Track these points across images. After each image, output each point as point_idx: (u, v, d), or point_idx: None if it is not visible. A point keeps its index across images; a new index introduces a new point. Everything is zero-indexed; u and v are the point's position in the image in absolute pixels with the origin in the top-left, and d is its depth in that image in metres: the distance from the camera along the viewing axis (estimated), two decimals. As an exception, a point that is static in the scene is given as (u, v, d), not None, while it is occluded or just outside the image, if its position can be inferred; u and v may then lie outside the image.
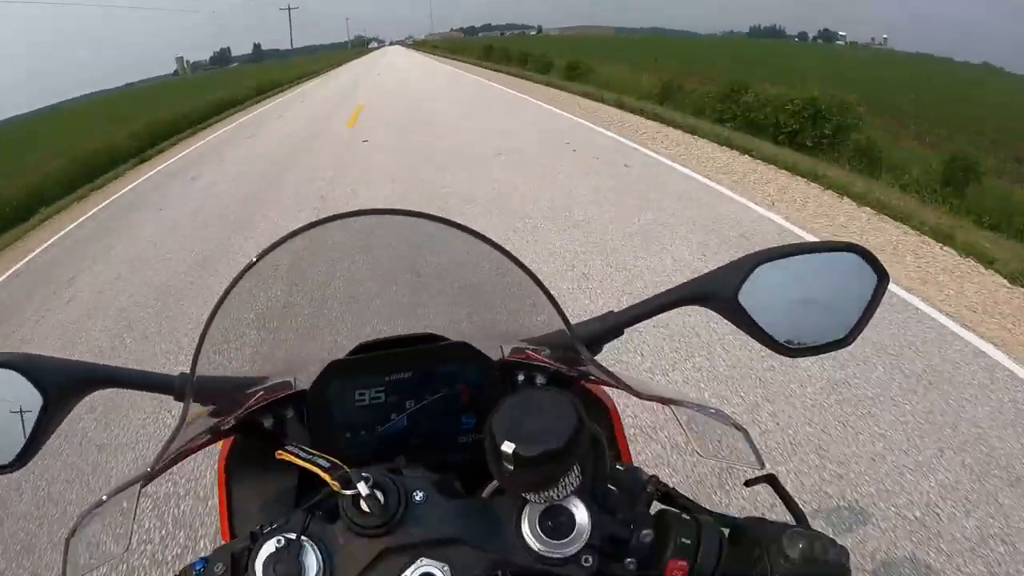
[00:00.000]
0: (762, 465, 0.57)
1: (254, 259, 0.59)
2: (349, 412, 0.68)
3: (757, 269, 0.60)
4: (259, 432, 0.66)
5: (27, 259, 5.93)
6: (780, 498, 0.59)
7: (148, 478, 0.52)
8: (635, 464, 0.59)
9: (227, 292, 0.58)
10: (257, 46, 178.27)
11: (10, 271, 5.64)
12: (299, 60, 67.32)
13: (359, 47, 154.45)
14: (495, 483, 0.53)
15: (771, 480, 0.60)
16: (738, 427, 0.57)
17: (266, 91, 23.63)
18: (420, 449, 0.67)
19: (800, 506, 0.56)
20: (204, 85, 32.84)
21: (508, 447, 0.46)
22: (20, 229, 7.37)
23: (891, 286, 1.17)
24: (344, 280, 0.74)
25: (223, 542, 0.57)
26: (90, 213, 7.36)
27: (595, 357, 0.64)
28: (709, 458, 0.59)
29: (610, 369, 0.60)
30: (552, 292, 0.61)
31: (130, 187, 8.53)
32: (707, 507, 0.55)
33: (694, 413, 0.59)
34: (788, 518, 0.55)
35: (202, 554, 0.54)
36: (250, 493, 0.67)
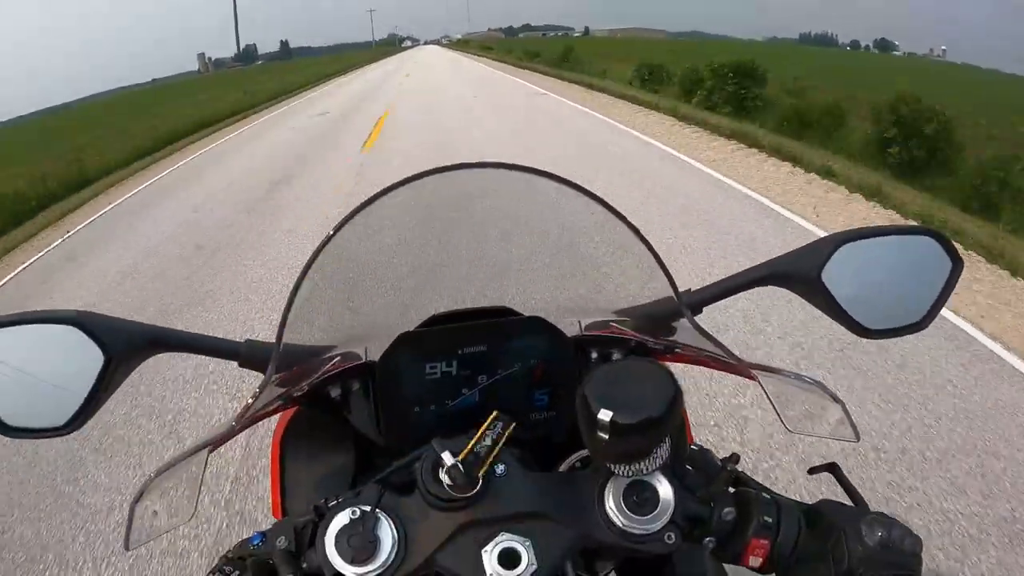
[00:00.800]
0: (858, 438, 0.55)
1: (331, 232, 0.60)
2: (418, 385, 0.67)
3: (840, 249, 0.63)
4: (324, 403, 0.66)
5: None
6: (842, 487, 0.59)
7: (218, 442, 0.55)
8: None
9: (309, 263, 0.60)
10: (284, 43, 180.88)
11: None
12: (327, 59, 67.86)
13: (390, 45, 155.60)
14: (573, 458, 0.60)
15: (833, 469, 0.61)
16: (836, 399, 0.55)
17: (279, 96, 22.92)
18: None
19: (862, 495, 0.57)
20: (216, 85, 32.70)
21: (605, 415, 0.45)
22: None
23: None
24: (418, 248, 0.75)
25: (274, 518, 0.64)
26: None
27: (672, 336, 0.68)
28: (799, 432, 0.57)
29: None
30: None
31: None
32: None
33: (784, 386, 0.57)
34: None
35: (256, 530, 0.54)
36: (304, 469, 0.69)
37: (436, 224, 0.73)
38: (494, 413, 0.55)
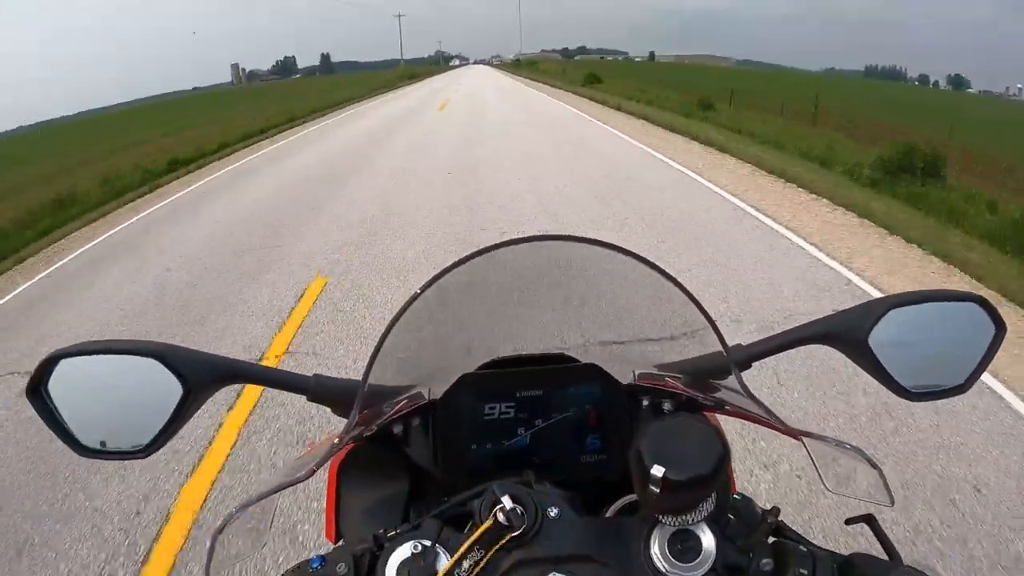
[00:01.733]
0: (892, 503, 0.61)
1: (418, 291, 0.69)
2: (477, 425, 0.75)
3: (888, 314, 0.68)
4: (386, 438, 0.73)
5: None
6: (877, 538, 0.63)
7: (297, 482, 0.60)
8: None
9: (398, 316, 0.68)
10: (325, 57, 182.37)
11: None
12: (367, 75, 67.98)
13: (435, 64, 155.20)
14: (621, 502, 0.66)
15: (870, 520, 0.65)
16: (873, 464, 0.60)
17: (297, 119, 20.58)
18: (543, 466, 0.72)
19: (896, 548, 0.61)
20: (230, 103, 30.47)
21: (658, 471, 0.50)
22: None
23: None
24: (483, 296, 0.81)
25: (328, 541, 0.73)
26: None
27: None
28: (838, 493, 0.63)
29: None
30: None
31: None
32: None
33: (825, 448, 0.63)
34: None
35: (315, 553, 0.58)
36: (359, 495, 0.75)
37: (502, 279, 0.79)
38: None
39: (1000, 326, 0.70)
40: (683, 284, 0.69)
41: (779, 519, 0.61)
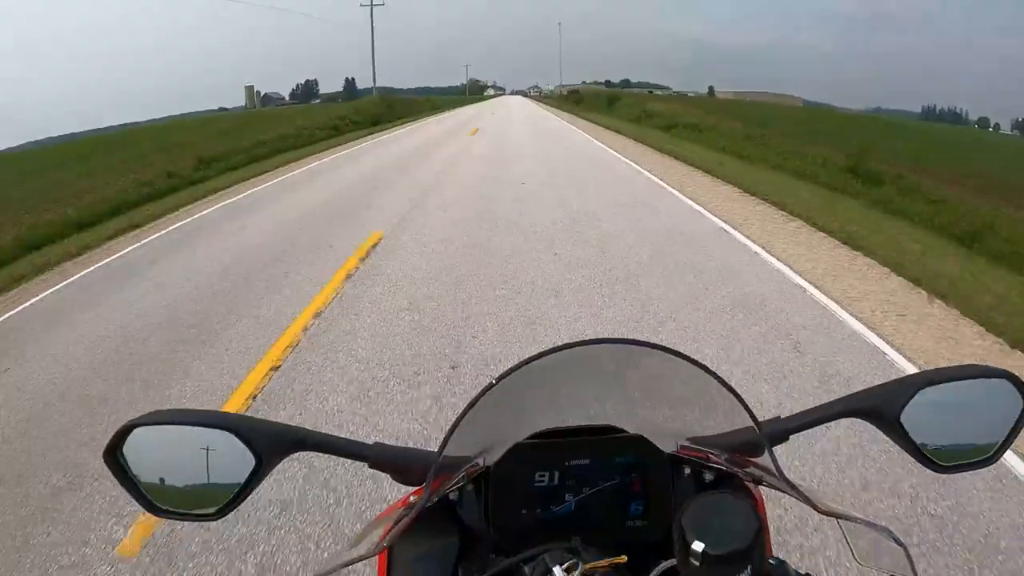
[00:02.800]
0: None
1: (494, 381, 0.75)
2: (527, 491, 0.84)
3: (919, 393, 0.77)
4: (442, 501, 0.82)
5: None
6: None
7: (371, 556, 0.70)
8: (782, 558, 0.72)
9: (475, 401, 0.74)
10: (350, 82, 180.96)
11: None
12: (393, 100, 61.74)
13: (473, 94, 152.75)
14: (661, 567, 0.71)
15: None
16: (899, 543, 0.67)
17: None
18: (589, 530, 0.80)
19: None
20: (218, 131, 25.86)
21: (698, 545, 0.59)
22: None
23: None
24: (538, 377, 0.86)
25: None
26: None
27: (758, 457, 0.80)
28: (868, 567, 0.71)
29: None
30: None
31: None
32: None
33: (858, 527, 0.70)
34: None
35: None
36: (411, 551, 0.82)
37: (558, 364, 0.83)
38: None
39: None
40: (719, 375, 0.75)
41: None
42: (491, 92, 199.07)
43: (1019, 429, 0.79)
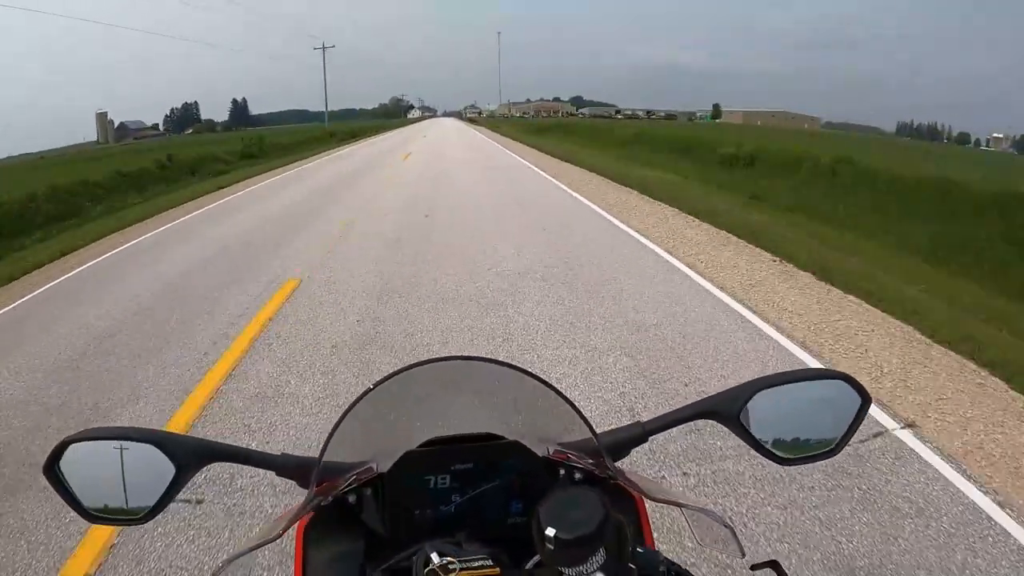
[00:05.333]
0: (743, 555, 0.89)
1: (371, 386, 1.02)
2: (419, 493, 1.05)
3: (756, 395, 0.99)
4: (343, 505, 1.04)
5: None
6: None
7: (267, 543, 0.91)
8: (656, 548, 0.96)
9: (351, 407, 1.00)
10: (240, 104, 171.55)
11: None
12: (280, 131, 58.10)
13: (389, 118, 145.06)
14: (536, 558, 0.90)
15: (775, 565, 0.92)
16: (725, 524, 0.90)
17: None
18: (476, 527, 1.02)
19: None
20: None
21: (550, 531, 0.76)
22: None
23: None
24: (420, 389, 1.15)
25: None
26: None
27: (624, 458, 1.08)
28: (706, 547, 0.98)
29: (632, 471, 1.05)
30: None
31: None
32: None
33: (698, 514, 0.93)
34: None
35: None
36: (323, 555, 1.03)
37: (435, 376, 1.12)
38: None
39: (866, 398, 1.00)
40: (569, 398, 1.05)
41: (680, 567, 0.89)
42: (416, 114, 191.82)
43: (858, 424, 1.01)
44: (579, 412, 1.04)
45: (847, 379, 1.00)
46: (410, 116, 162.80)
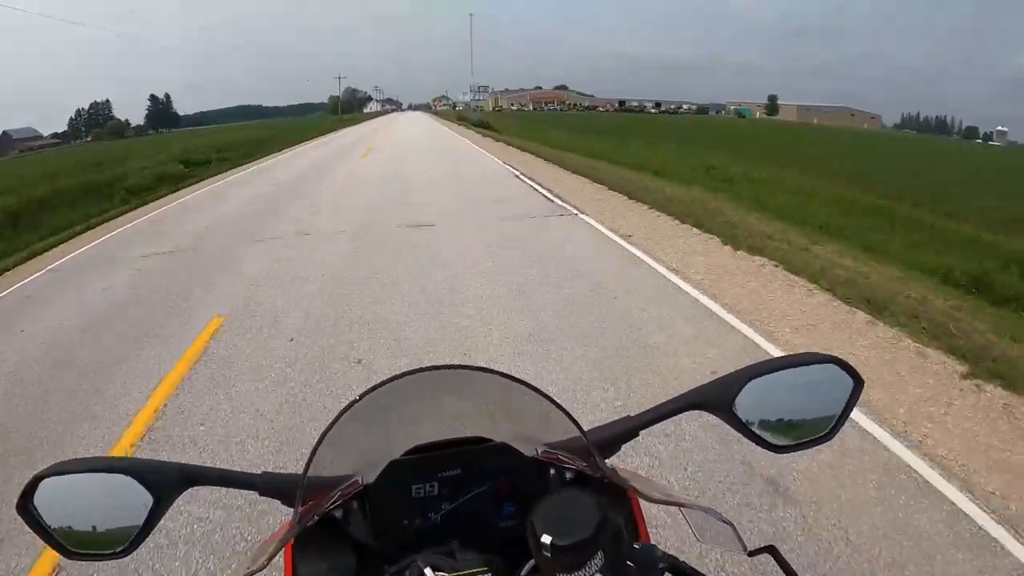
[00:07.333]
0: (745, 550, 0.98)
1: (358, 397, 1.07)
2: (406, 503, 1.13)
3: (749, 383, 1.05)
4: (330, 520, 1.11)
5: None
6: (780, 567, 0.98)
7: (257, 571, 0.94)
8: (653, 543, 0.99)
9: (334, 421, 1.05)
10: (161, 102, 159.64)
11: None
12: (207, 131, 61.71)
13: (347, 112, 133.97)
14: (531, 563, 0.93)
15: (772, 551, 1.00)
16: (725, 521, 0.97)
17: None
18: (467, 533, 1.09)
19: None
20: None
21: (547, 539, 0.81)
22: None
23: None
24: (402, 399, 1.17)
25: None
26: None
27: (615, 455, 1.15)
28: (707, 543, 1.07)
29: (626, 469, 1.13)
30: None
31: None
32: None
33: (695, 512, 1.02)
34: None
35: None
36: (313, 572, 1.09)
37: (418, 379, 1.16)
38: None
39: (858, 381, 1.07)
40: (554, 399, 1.11)
41: (678, 560, 0.95)
42: (373, 107, 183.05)
43: (851, 407, 1.07)
44: (566, 412, 1.08)
45: (839, 362, 1.06)
46: (366, 111, 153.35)
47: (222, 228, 13.81)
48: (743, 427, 1.05)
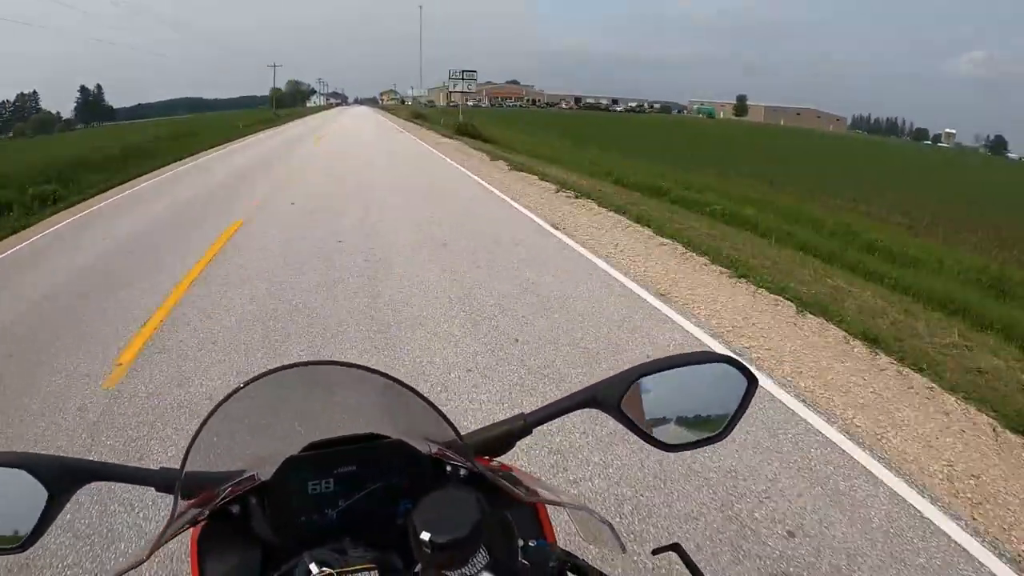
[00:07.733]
0: (623, 550, 1.04)
1: (241, 384, 1.06)
2: (304, 499, 1.13)
3: (639, 381, 1.11)
4: (228, 518, 1.11)
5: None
6: (685, 565, 1.05)
7: (132, 567, 0.95)
8: (556, 541, 1.10)
9: (213, 411, 1.03)
10: (90, 93, 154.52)
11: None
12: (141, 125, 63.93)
13: (284, 106, 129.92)
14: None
15: (677, 549, 1.08)
16: (603, 521, 1.03)
17: None
18: (364, 530, 1.11)
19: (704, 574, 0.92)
20: None
21: (425, 535, 0.86)
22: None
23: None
24: (299, 391, 1.20)
25: None
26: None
27: (508, 452, 1.22)
28: (589, 543, 1.12)
29: (513, 465, 1.24)
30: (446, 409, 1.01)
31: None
32: None
33: (580, 512, 1.06)
34: None
35: None
36: (219, 567, 1.10)
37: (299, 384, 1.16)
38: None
39: (752, 380, 1.12)
40: (428, 398, 1.11)
41: (575, 557, 1.03)
42: (317, 101, 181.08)
43: (746, 406, 1.11)
44: (442, 414, 1.09)
45: (732, 362, 1.12)
46: (311, 104, 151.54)
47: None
48: (633, 425, 1.10)
